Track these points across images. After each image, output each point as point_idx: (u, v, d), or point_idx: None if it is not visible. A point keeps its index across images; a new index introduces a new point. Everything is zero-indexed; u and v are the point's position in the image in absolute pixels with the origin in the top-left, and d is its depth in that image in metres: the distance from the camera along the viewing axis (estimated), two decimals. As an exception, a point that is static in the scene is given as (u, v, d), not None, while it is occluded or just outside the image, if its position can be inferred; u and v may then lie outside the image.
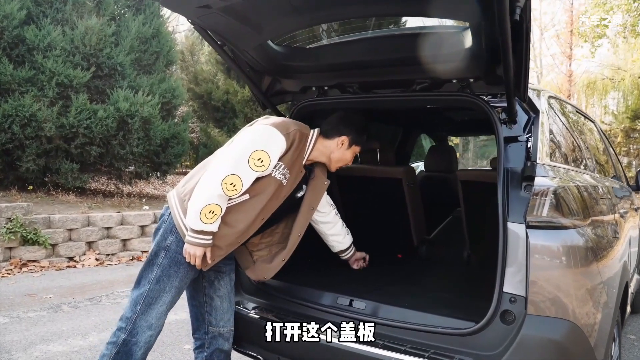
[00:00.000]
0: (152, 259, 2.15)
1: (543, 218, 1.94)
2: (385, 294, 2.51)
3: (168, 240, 2.14)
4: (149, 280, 2.13)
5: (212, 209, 2.02)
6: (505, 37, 1.74)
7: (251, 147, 2.10)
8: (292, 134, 2.21)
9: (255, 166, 2.09)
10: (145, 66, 8.31)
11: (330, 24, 2.51)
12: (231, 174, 2.03)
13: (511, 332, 1.93)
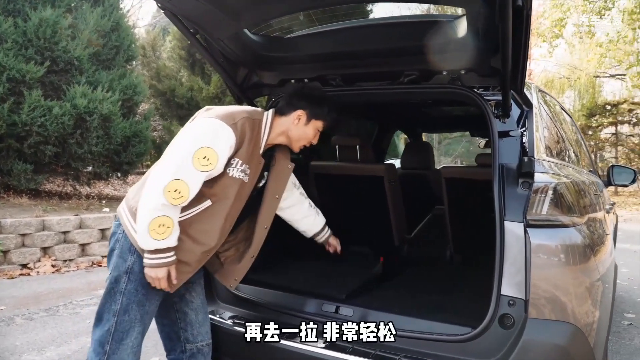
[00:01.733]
0: (112, 287, 1.85)
1: (543, 216, 1.84)
2: (371, 298, 2.37)
3: (128, 262, 1.85)
4: (114, 313, 1.83)
5: (161, 222, 1.75)
6: (506, 24, 1.63)
7: (194, 144, 1.81)
8: (239, 123, 1.91)
9: (201, 166, 1.80)
10: (104, 61, 7.94)
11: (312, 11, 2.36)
12: (174, 180, 1.75)
13: (510, 336, 1.83)
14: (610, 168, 4.08)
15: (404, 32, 2.18)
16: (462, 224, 2.94)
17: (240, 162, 1.93)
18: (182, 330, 2.10)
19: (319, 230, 2.51)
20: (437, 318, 2.07)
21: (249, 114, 2.00)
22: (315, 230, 2.51)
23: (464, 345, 1.88)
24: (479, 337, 1.86)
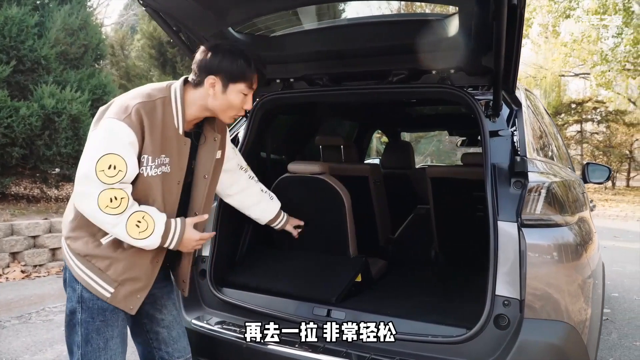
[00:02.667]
0: (69, 319, 1.76)
1: (537, 216, 1.84)
2: (362, 300, 2.34)
3: (77, 290, 1.73)
4: (78, 345, 1.73)
5: (136, 219, 1.64)
6: (501, 23, 1.62)
7: (93, 156, 1.60)
8: (133, 114, 1.63)
9: (108, 178, 1.59)
10: (72, 60, 7.70)
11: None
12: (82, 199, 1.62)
13: (506, 337, 1.83)
14: (586, 165, 4.15)
15: (392, 31, 2.16)
16: (447, 224, 2.94)
17: (149, 157, 1.67)
18: (155, 349, 1.97)
19: (273, 217, 2.35)
20: (431, 319, 2.05)
21: (146, 96, 1.70)
22: (269, 217, 2.34)
23: (459, 347, 1.87)
24: (475, 338, 1.86)
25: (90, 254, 1.70)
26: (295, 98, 2.49)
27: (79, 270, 1.71)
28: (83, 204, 1.63)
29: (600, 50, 20.44)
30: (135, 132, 1.62)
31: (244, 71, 1.74)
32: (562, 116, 22.45)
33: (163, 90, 1.75)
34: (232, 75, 1.73)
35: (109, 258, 1.71)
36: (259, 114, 2.52)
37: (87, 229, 1.71)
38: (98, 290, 1.71)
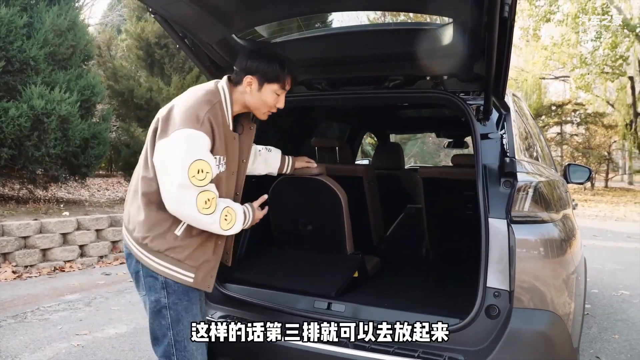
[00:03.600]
0: (155, 306, 1.93)
1: (525, 213, 1.98)
2: (360, 294, 2.46)
3: (160, 279, 1.91)
4: (167, 327, 1.92)
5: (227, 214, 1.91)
6: (493, 34, 1.75)
7: (184, 165, 1.78)
8: (205, 122, 1.85)
9: (199, 181, 1.80)
10: (61, 61, 7.69)
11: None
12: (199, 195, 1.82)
13: (496, 326, 1.96)
14: (567, 166, 4.32)
15: (389, 39, 2.27)
16: (438, 222, 3.07)
17: (220, 157, 1.92)
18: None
19: (280, 164, 2.54)
20: (426, 311, 2.18)
21: (209, 103, 1.90)
22: (278, 165, 2.54)
23: (453, 335, 2.00)
24: (468, 327, 1.99)
25: (169, 247, 1.88)
26: (295, 102, 2.60)
27: (159, 265, 1.89)
28: (183, 209, 1.83)
29: (579, 53, 20.88)
30: (210, 138, 1.86)
31: (278, 74, 1.97)
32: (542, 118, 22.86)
33: (216, 93, 1.96)
34: (267, 76, 1.96)
35: (185, 248, 1.90)
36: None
37: (162, 226, 1.89)
38: (181, 278, 1.91)
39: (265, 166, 2.51)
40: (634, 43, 19.68)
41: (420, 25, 2.34)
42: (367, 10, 3.04)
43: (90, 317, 4.25)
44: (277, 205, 2.80)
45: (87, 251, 6.34)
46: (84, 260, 6.24)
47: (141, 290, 1.97)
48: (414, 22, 2.37)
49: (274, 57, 1.99)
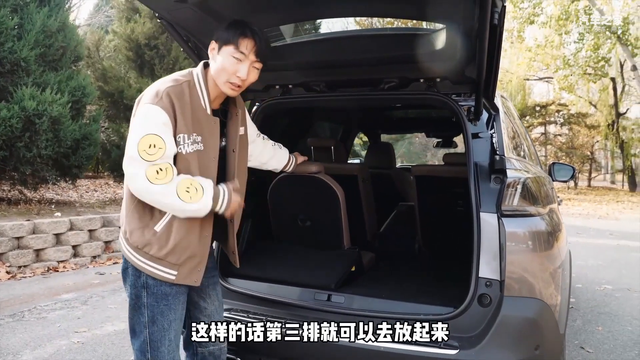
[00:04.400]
0: (135, 302, 1.93)
1: (514, 207, 2.11)
2: (358, 286, 2.57)
3: (142, 278, 1.90)
4: (144, 325, 1.92)
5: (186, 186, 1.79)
6: (483, 40, 1.88)
7: (135, 138, 1.77)
8: (164, 97, 1.80)
9: (148, 155, 1.74)
10: (51, 62, 7.70)
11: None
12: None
13: (488, 313, 2.08)
14: (552, 165, 4.49)
15: (385, 43, 2.39)
16: (430, 219, 3.19)
17: (185, 136, 1.84)
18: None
19: (286, 162, 2.69)
20: (422, 301, 2.30)
21: (173, 81, 1.88)
22: (284, 162, 2.68)
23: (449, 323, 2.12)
24: (461, 315, 2.11)
25: (147, 243, 1.86)
26: (293, 103, 2.71)
27: (141, 262, 1.87)
28: (134, 183, 1.79)
29: (563, 55, 21.24)
30: (167, 113, 1.79)
31: (233, 35, 1.89)
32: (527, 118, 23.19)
33: (186, 75, 1.93)
34: (223, 38, 1.90)
35: (164, 245, 1.86)
36: (259, 118, 2.73)
37: (141, 220, 1.87)
38: (163, 276, 1.88)
39: (276, 162, 2.63)
40: (616, 45, 20.08)
41: (414, 30, 2.46)
42: (365, 17, 3.13)
43: (87, 315, 4.31)
44: (276, 202, 2.90)
45: (81, 251, 6.38)
46: (78, 260, 6.28)
47: (126, 286, 1.97)
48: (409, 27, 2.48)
49: (234, 22, 1.93)
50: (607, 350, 3.73)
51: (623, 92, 24.71)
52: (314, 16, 2.35)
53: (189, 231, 1.89)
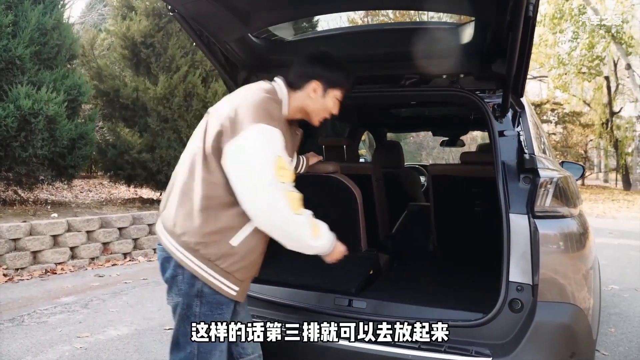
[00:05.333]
0: (185, 312, 1.82)
1: (546, 208, 2.02)
2: (378, 291, 2.48)
3: (197, 286, 1.80)
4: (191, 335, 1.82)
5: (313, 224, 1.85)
6: (516, 33, 1.79)
7: (269, 161, 1.72)
8: (276, 117, 1.81)
9: (283, 178, 1.75)
10: (46, 60, 7.54)
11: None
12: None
13: (520, 319, 2.00)
14: (560, 164, 4.43)
15: (406, 38, 2.29)
16: (446, 219, 3.11)
17: (289, 159, 1.89)
18: (232, 345, 2.04)
19: (297, 164, 2.53)
20: (448, 306, 2.21)
21: (275, 102, 1.87)
22: (294, 164, 2.53)
23: (477, 330, 2.03)
24: (491, 321, 2.02)
25: (222, 256, 1.77)
26: None
27: (205, 273, 1.77)
28: (273, 210, 1.72)
29: (557, 54, 21.27)
30: (283, 136, 1.80)
31: (342, 80, 1.98)
32: (522, 117, 23.16)
33: (275, 93, 1.91)
34: (333, 82, 1.95)
35: (238, 260, 1.80)
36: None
37: (219, 234, 1.78)
38: (224, 290, 1.81)
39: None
40: (610, 43, 20.14)
41: (438, 24, 2.37)
42: (387, 10, 3.03)
43: (89, 319, 4.19)
44: None
45: (78, 253, 6.24)
46: (75, 262, 6.15)
47: (173, 296, 1.85)
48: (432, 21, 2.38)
49: (338, 64, 1.99)
50: (622, 353, 3.66)
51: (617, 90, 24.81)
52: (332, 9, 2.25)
53: (260, 250, 1.89)
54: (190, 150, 1.87)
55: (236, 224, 1.79)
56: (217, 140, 1.77)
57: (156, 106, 8.84)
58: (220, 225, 1.77)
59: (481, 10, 1.96)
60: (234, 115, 1.77)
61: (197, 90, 8.85)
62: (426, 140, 25.85)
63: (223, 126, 1.76)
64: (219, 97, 8.78)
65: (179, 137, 9.08)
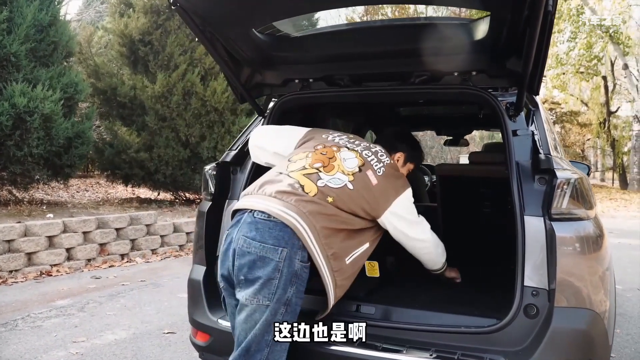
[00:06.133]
0: (271, 319, 1.79)
1: (564, 210, 1.95)
2: (386, 295, 2.40)
3: (288, 293, 1.80)
4: (267, 343, 1.79)
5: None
6: (535, 28, 1.71)
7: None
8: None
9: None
10: (42, 57, 7.44)
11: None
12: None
13: (535, 325, 1.92)
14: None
15: (416, 34, 2.21)
16: (454, 220, 3.02)
17: None
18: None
19: None
20: (460, 311, 2.13)
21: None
22: None
23: (491, 336, 1.95)
24: (506, 327, 1.94)
25: (338, 269, 1.90)
26: (313, 98, 2.53)
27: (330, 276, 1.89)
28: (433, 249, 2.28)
29: (555, 53, 21.26)
30: None
31: (419, 159, 2.50)
32: (519, 117, 23.17)
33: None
34: (413, 158, 2.41)
35: (348, 276, 1.95)
36: (277, 114, 2.54)
37: (343, 250, 1.93)
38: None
39: None
40: (608, 43, 20.14)
41: (451, 20, 2.29)
42: (404, 4, 2.95)
43: (85, 323, 4.09)
44: None
45: (75, 254, 6.14)
46: (71, 263, 6.05)
47: (259, 297, 1.80)
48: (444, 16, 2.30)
49: (418, 145, 2.49)
50: (629, 355, 3.60)
51: (614, 90, 24.84)
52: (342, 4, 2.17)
53: (357, 272, 2.02)
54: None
55: (353, 243, 2.02)
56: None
57: (154, 104, 8.75)
58: (346, 242, 2.02)
59: (498, 5, 1.88)
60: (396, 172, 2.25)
61: (195, 89, 8.76)
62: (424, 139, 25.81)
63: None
64: (218, 95, 8.70)
65: (177, 136, 9.00)
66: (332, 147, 2.10)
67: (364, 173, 2.02)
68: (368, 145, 2.18)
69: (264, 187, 1.94)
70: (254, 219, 1.84)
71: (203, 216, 2.46)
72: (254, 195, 1.94)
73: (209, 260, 2.42)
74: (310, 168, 1.99)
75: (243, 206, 1.92)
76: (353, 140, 2.21)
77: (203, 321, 2.33)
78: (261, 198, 1.89)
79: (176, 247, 7.25)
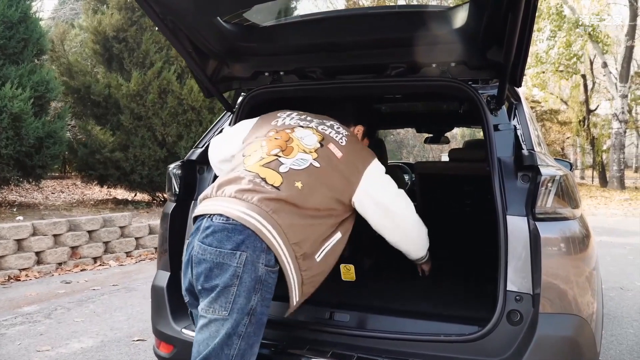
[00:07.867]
0: (233, 331, 1.62)
1: (548, 209, 1.83)
2: (361, 300, 2.27)
3: (252, 302, 1.63)
4: (229, 358, 1.62)
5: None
6: (517, 14, 1.59)
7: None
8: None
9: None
10: (12, 55, 7.19)
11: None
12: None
13: (519, 333, 1.81)
14: (549, 161, 4.29)
15: (392, 23, 2.08)
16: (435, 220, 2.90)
17: None
18: None
19: None
20: (440, 319, 2.00)
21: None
22: None
23: (473, 345, 1.83)
24: (488, 335, 1.82)
25: (307, 269, 1.75)
26: (284, 92, 2.38)
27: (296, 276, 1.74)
28: (414, 213, 2.07)
29: (535, 52, 21.37)
30: None
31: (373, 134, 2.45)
32: (501, 115, 23.27)
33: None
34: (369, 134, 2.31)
35: (317, 273, 1.80)
36: (246, 109, 2.39)
37: (313, 247, 1.77)
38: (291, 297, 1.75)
39: None
40: (587, 42, 20.31)
41: (426, 7, 2.16)
42: None
43: (51, 331, 3.89)
44: None
45: (45, 258, 5.91)
46: (41, 267, 5.81)
47: (219, 308, 1.63)
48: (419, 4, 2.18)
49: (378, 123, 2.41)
50: (614, 356, 3.52)
51: (593, 89, 25.09)
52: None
53: (331, 266, 1.87)
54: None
55: (325, 238, 1.90)
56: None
57: (129, 103, 8.52)
58: (318, 238, 1.88)
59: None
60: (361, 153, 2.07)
61: (172, 87, 8.55)
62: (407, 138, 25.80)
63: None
64: (195, 94, 8.51)
65: (153, 136, 8.78)
66: (284, 130, 1.95)
67: (325, 147, 1.87)
68: (322, 121, 2.03)
69: (223, 187, 1.77)
70: (212, 224, 1.67)
71: (167, 218, 2.30)
72: (213, 198, 1.78)
73: (173, 265, 2.26)
74: (268, 156, 1.83)
75: (202, 212, 1.76)
76: (305, 117, 2.05)
77: (166, 331, 2.17)
78: (220, 200, 1.73)
79: (152, 249, 7.03)
